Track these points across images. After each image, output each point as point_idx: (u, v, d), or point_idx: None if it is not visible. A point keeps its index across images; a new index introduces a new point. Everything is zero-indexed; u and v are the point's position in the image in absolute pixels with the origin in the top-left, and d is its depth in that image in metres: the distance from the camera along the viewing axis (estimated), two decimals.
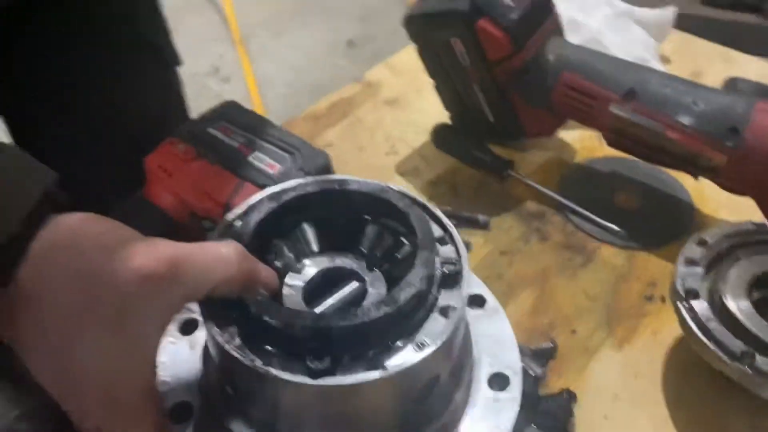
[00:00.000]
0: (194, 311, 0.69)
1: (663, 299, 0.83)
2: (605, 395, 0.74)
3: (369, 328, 0.51)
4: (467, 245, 0.88)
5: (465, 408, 0.62)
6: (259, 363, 0.51)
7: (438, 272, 0.57)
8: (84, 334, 0.46)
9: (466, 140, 1.00)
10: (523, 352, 0.76)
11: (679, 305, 0.71)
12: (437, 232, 0.62)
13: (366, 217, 0.64)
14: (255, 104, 3.04)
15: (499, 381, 0.64)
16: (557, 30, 0.92)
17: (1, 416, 0.59)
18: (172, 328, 0.68)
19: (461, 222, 0.91)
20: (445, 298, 0.56)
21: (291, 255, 0.63)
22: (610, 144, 0.93)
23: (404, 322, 0.53)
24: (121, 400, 0.49)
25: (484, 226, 0.91)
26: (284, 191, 0.63)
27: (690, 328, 0.69)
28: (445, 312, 0.55)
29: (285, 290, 0.60)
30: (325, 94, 1.12)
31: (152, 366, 0.53)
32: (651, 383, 0.75)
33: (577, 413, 0.71)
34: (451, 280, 0.57)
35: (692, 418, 0.72)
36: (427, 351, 0.52)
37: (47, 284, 0.46)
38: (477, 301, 0.70)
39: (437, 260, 0.58)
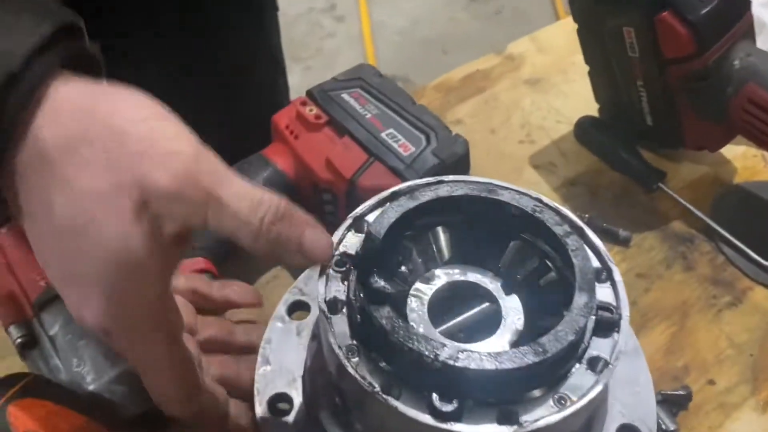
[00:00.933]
0: (305, 293, 0.64)
1: None
2: None
3: (508, 377, 0.45)
4: None
5: None
6: (378, 390, 0.45)
7: (592, 318, 0.49)
8: (100, 215, 0.39)
9: (614, 139, 0.90)
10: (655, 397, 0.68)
11: None
12: (594, 262, 0.54)
13: (510, 231, 0.56)
14: (367, 49, 2.97)
15: None
16: (749, 33, 0.79)
17: (97, 377, 0.57)
18: (282, 309, 0.64)
19: (598, 233, 0.81)
20: (596, 346, 0.49)
21: (420, 260, 0.56)
22: None
23: (547, 373, 0.47)
24: (131, 302, 0.42)
25: (625, 243, 0.82)
26: (423, 188, 0.56)
27: None
28: (593, 365, 0.48)
29: (410, 301, 0.54)
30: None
31: (171, 274, 0.44)
32: None
33: None
34: (606, 327, 0.50)
35: None
36: (569, 410, 0.45)
37: (63, 145, 0.39)
38: None
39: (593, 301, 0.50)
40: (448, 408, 0.44)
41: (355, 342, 0.48)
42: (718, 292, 0.78)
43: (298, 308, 0.64)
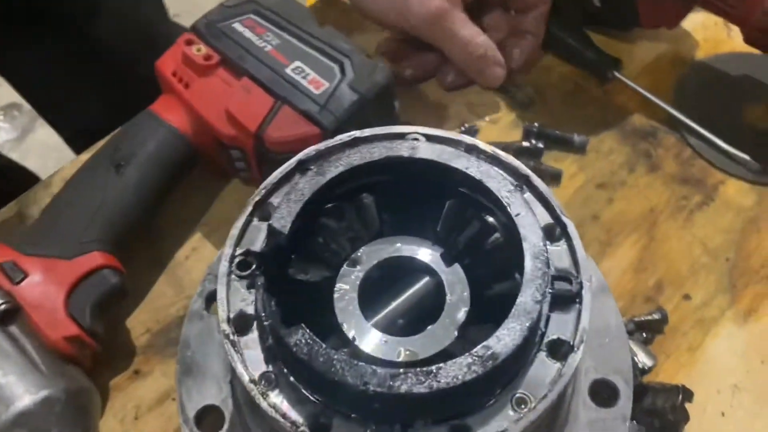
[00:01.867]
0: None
1: None
2: (724, 385, 0.60)
3: (455, 393, 0.37)
4: (556, 176, 0.71)
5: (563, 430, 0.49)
6: (305, 430, 0.38)
7: (548, 291, 0.41)
8: None
9: (561, 27, 0.79)
10: (626, 327, 0.62)
11: None
12: (544, 219, 0.45)
13: (444, 189, 0.47)
14: None
15: (605, 392, 0.51)
16: None
17: None
18: (198, 303, 0.55)
19: (550, 142, 0.73)
20: (556, 327, 0.41)
21: (345, 238, 0.47)
22: (749, 41, 0.71)
23: (502, 376, 0.39)
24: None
25: (581, 149, 0.73)
26: (334, 153, 0.46)
27: None
28: (555, 350, 0.41)
29: (337, 290, 0.46)
30: None
31: None
32: None
33: (688, 406, 0.58)
34: (565, 300, 0.42)
35: None
36: (530, 416, 0.38)
37: None
38: None
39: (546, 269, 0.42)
40: None
41: (271, 368, 0.40)
42: (688, 191, 0.71)
43: (216, 297, 0.56)
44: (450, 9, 0.66)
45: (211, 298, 0.55)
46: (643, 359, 0.59)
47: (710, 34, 0.81)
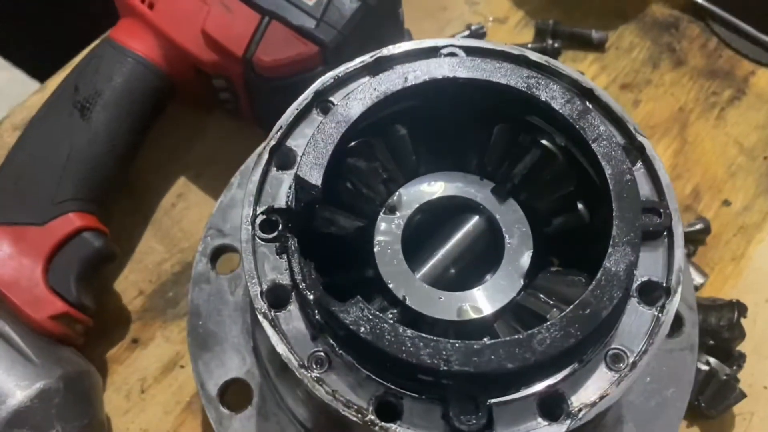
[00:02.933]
0: (226, 232, 0.48)
1: None
2: None
3: (541, 365, 0.31)
4: None
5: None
6: (374, 419, 0.32)
7: (640, 224, 0.35)
8: None
9: None
10: None
11: None
12: (616, 137, 0.38)
13: (493, 112, 0.40)
14: None
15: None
16: None
17: None
18: (203, 262, 0.48)
19: (566, 41, 0.65)
20: (645, 267, 0.36)
21: (377, 182, 0.40)
22: None
23: (599, 336, 0.33)
24: None
25: (600, 46, 0.66)
26: (358, 76, 0.38)
27: None
28: (647, 294, 0.35)
29: (377, 246, 0.39)
30: None
31: None
32: None
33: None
34: (653, 235, 0.36)
35: None
36: (632, 375, 0.33)
37: None
38: None
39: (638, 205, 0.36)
40: (471, 422, 0.31)
41: (320, 348, 0.33)
42: (717, 86, 0.65)
43: (222, 253, 0.48)
44: None
45: (217, 255, 0.48)
46: (694, 276, 0.54)
47: None
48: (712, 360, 0.52)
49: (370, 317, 0.31)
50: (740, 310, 0.54)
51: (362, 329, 0.31)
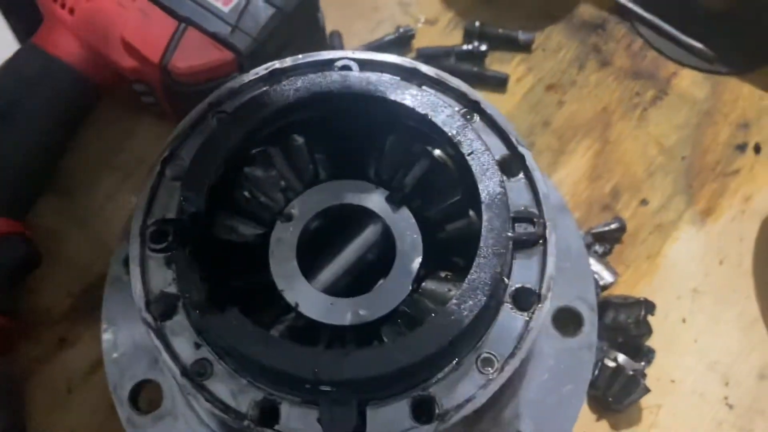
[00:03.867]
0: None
1: (758, 148, 0.64)
2: (684, 290, 0.59)
3: (408, 371, 0.33)
4: (502, 82, 0.65)
5: (528, 365, 0.47)
6: (250, 424, 0.33)
7: (510, 235, 0.37)
8: None
9: None
10: (583, 240, 0.59)
11: None
12: (500, 150, 0.40)
13: (387, 122, 0.41)
14: None
15: (568, 320, 0.48)
16: None
17: None
18: (117, 267, 0.49)
19: (494, 42, 0.66)
20: (520, 273, 0.37)
21: (274, 189, 0.41)
22: None
23: (466, 342, 0.35)
24: None
25: (525, 47, 0.67)
26: (250, 90, 0.39)
27: None
28: (521, 300, 0.37)
29: (272, 252, 0.40)
30: None
31: None
32: (739, 271, 0.59)
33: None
34: (528, 243, 0.38)
35: None
36: (499, 379, 0.35)
37: None
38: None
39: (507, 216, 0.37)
40: (344, 426, 0.33)
41: (203, 357, 0.35)
42: (641, 86, 0.66)
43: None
44: None
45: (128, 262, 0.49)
46: (604, 275, 0.56)
47: None
48: (620, 356, 0.54)
49: (243, 328, 0.33)
50: (647, 308, 0.56)
51: (236, 340, 0.32)
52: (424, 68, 0.40)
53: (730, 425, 0.54)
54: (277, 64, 0.40)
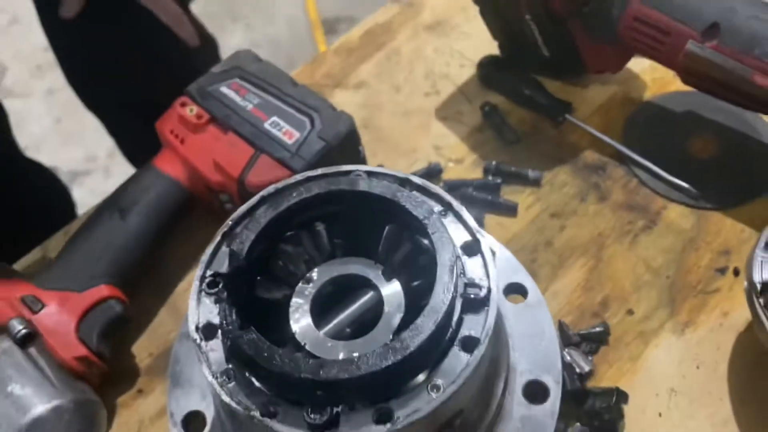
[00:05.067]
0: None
1: (737, 272, 0.73)
2: (662, 389, 0.66)
3: (374, 378, 0.45)
4: (512, 208, 0.79)
5: (496, 425, 0.56)
6: (256, 413, 0.46)
7: (461, 297, 0.49)
8: None
9: (516, 76, 0.88)
10: (570, 339, 0.69)
11: (755, 301, 0.61)
12: (463, 238, 0.53)
13: (384, 217, 0.56)
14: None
15: (537, 391, 0.58)
16: None
17: (8, 429, 0.58)
18: (191, 327, 0.64)
19: (508, 178, 0.81)
20: (469, 325, 0.49)
21: (301, 260, 0.56)
22: (687, 83, 0.79)
23: (418, 365, 0.47)
24: None
25: (536, 183, 0.81)
26: (284, 193, 0.55)
27: (766, 329, 0.60)
28: (467, 345, 0.48)
29: (293, 303, 0.54)
30: None
31: None
32: (714, 376, 0.67)
33: (628, 408, 0.65)
34: (476, 304, 0.50)
35: (758, 420, 0.64)
36: (442, 396, 0.46)
37: None
38: (517, 291, 0.63)
39: (461, 282, 0.50)
40: (320, 420, 0.45)
41: (231, 366, 0.48)
42: (633, 217, 0.78)
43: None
44: None
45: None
46: (581, 364, 0.66)
47: (658, 75, 0.90)
48: None
49: (256, 340, 0.46)
50: (619, 396, 0.64)
51: (249, 347, 0.46)
52: (413, 178, 0.55)
53: None
54: (309, 173, 0.56)
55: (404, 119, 0.90)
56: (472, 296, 0.49)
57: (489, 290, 0.50)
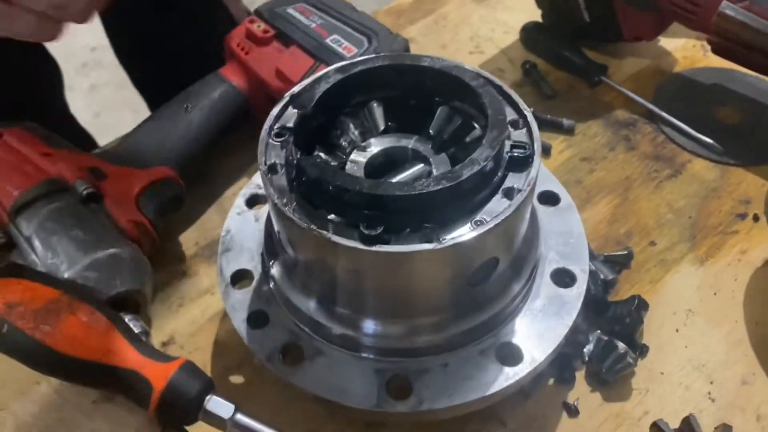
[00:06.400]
0: (260, 187, 0.69)
1: (756, 218, 0.77)
2: (679, 309, 0.70)
3: (426, 201, 0.49)
4: (547, 149, 0.84)
5: (525, 301, 0.60)
6: (313, 226, 0.50)
7: (506, 155, 0.54)
8: None
9: (557, 41, 0.94)
10: (596, 257, 0.73)
11: None
12: (511, 115, 0.58)
13: (437, 98, 0.61)
14: None
15: (564, 277, 0.62)
16: None
17: (70, 266, 0.62)
18: (240, 201, 0.69)
19: (543, 125, 0.86)
20: (511, 180, 0.54)
21: (357, 132, 0.61)
22: (716, 51, 0.85)
23: (465, 200, 0.51)
24: None
25: (569, 131, 0.86)
26: (353, 64, 0.61)
27: None
28: (509, 194, 0.53)
29: (348, 166, 0.59)
30: None
31: None
32: (731, 301, 0.70)
33: (647, 324, 0.68)
34: (521, 163, 0.54)
35: None
36: (483, 228, 0.50)
37: None
38: (550, 199, 0.68)
39: (507, 143, 0.55)
40: (373, 233, 0.49)
41: (293, 195, 0.53)
42: (659, 166, 0.82)
43: (255, 201, 0.69)
44: None
45: (251, 201, 0.69)
46: (606, 272, 0.69)
47: (689, 54, 0.95)
48: (619, 343, 0.65)
49: (320, 162, 0.51)
50: (640, 302, 0.67)
51: (311, 168, 0.51)
52: (466, 65, 0.61)
53: (710, 414, 0.62)
54: (375, 55, 0.62)
55: None
56: (516, 154, 0.54)
57: (533, 152, 0.54)
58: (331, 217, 0.51)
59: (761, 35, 0.77)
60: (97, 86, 2.74)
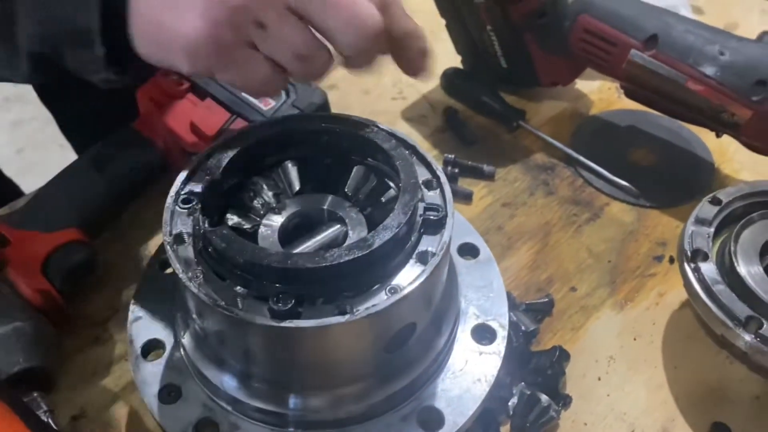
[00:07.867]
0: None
1: (672, 260, 0.78)
2: (601, 356, 0.70)
3: (338, 271, 0.48)
4: (468, 195, 0.85)
5: (447, 359, 0.60)
6: (222, 303, 0.48)
7: (420, 218, 0.54)
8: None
9: (476, 86, 0.95)
10: (517, 306, 0.73)
11: (686, 266, 0.66)
12: (425, 175, 0.58)
13: (353, 157, 0.60)
14: None
15: (485, 333, 0.62)
16: None
17: None
18: (153, 263, 0.66)
19: (464, 171, 0.87)
20: (425, 243, 0.53)
21: (271, 194, 0.60)
22: (629, 95, 0.87)
23: (378, 267, 0.50)
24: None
25: (489, 177, 0.87)
26: (263, 126, 0.60)
27: (694, 289, 0.65)
28: (423, 258, 0.52)
29: (261, 230, 0.57)
30: None
31: None
32: (650, 346, 0.71)
33: (569, 373, 0.68)
34: (434, 225, 0.54)
35: (690, 384, 0.68)
36: (397, 296, 0.49)
37: None
38: (469, 251, 0.68)
39: (421, 205, 0.54)
40: (283, 308, 0.47)
41: (200, 267, 0.51)
42: (578, 210, 0.84)
43: (167, 266, 0.67)
44: None
45: (164, 263, 0.66)
46: (527, 324, 0.69)
47: (604, 96, 0.98)
48: (543, 396, 0.65)
49: (228, 234, 0.49)
50: (561, 353, 0.68)
51: (223, 239, 0.49)
52: (380, 125, 0.60)
53: None
54: (287, 115, 0.61)
55: (371, 118, 0.95)
56: (431, 217, 0.54)
57: (446, 214, 0.54)
58: (240, 290, 0.50)
59: (668, 82, 0.79)
60: (21, 121, 2.65)
